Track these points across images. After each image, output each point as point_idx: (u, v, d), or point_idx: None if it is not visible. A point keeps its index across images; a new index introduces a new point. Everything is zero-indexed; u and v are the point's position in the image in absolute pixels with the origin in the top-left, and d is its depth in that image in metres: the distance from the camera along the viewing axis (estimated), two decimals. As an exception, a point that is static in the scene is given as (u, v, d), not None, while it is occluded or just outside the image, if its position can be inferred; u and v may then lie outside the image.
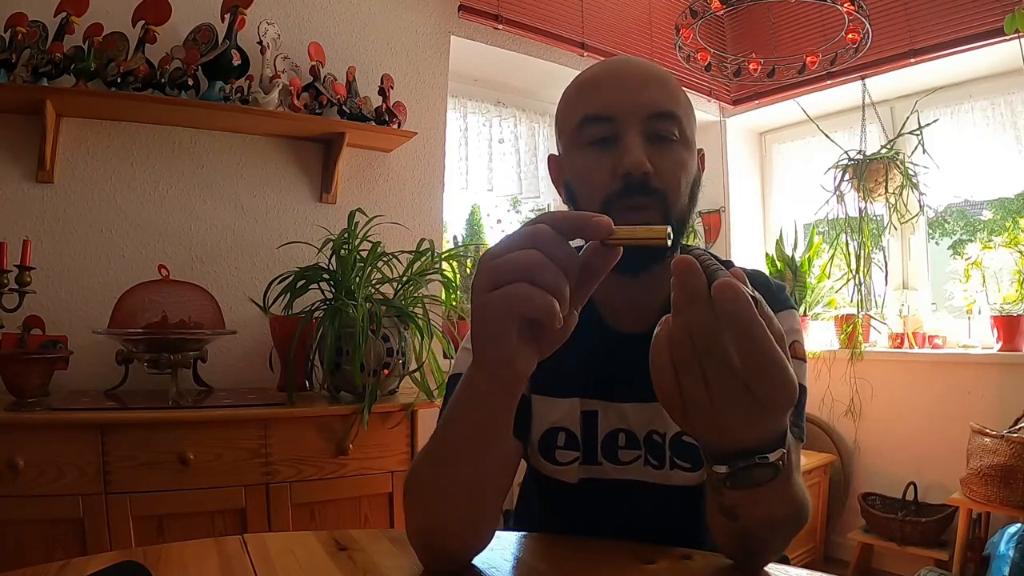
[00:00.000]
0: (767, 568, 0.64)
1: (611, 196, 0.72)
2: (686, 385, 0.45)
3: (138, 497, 1.38)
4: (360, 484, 1.63)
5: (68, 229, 1.79)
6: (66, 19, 1.72)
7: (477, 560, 0.65)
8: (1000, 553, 1.93)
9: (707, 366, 0.44)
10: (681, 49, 2.36)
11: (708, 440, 0.50)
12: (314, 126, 2.03)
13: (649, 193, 0.71)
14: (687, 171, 0.75)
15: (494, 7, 2.45)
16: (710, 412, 0.45)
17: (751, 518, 0.56)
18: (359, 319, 1.60)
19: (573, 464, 0.79)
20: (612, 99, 0.73)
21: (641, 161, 0.70)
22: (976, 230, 2.97)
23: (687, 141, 0.75)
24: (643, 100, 0.73)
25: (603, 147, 0.73)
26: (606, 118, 0.73)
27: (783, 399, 0.45)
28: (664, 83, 0.75)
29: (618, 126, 0.72)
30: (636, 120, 0.72)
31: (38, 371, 1.46)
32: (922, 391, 2.58)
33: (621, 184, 0.71)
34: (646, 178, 0.71)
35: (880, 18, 2.44)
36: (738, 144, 3.34)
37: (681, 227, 0.76)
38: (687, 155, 0.75)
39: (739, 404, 0.45)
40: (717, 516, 0.58)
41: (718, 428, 0.47)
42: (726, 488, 0.51)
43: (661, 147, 0.73)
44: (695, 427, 0.48)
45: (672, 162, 0.73)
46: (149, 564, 0.59)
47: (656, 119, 0.73)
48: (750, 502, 0.54)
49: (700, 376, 0.45)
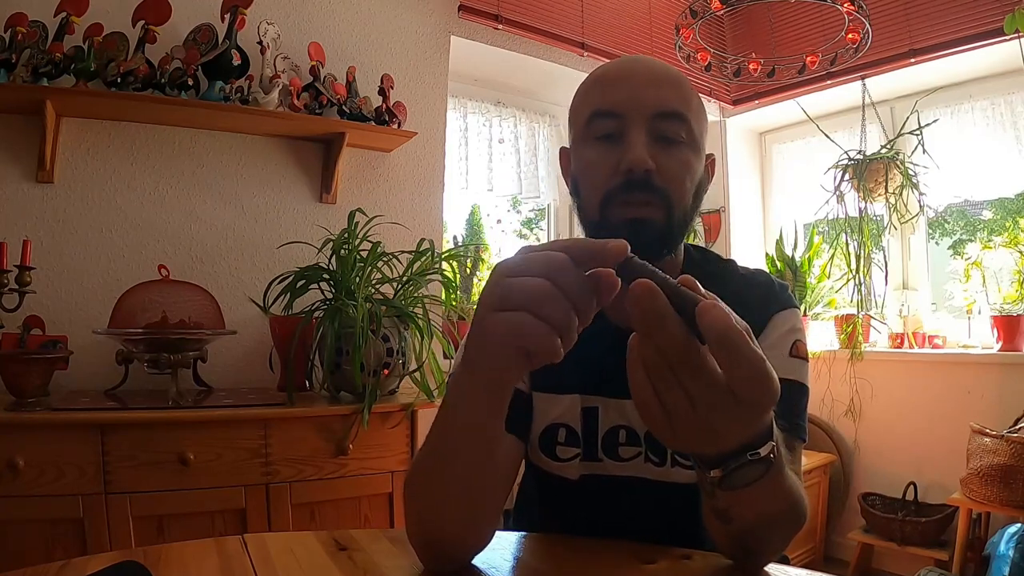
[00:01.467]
0: (767, 568, 0.64)
1: (612, 191, 0.73)
2: (667, 399, 0.45)
3: (138, 497, 1.38)
4: (360, 484, 1.63)
5: (68, 229, 1.79)
6: (66, 19, 1.72)
7: (477, 560, 0.65)
8: (1000, 553, 1.93)
9: (684, 377, 0.43)
10: (681, 49, 2.36)
11: (697, 448, 0.50)
12: (314, 126, 2.03)
13: (651, 191, 0.72)
14: (692, 173, 0.75)
15: (494, 7, 2.45)
16: (695, 420, 0.45)
17: (745, 519, 0.57)
18: (359, 319, 1.60)
19: (574, 460, 0.80)
20: (621, 96, 0.74)
21: (643, 158, 0.71)
22: (976, 230, 2.97)
23: (695, 143, 0.76)
24: (652, 99, 0.73)
25: (609, 143, 0.74)
26: (614, 114, 0.74)
27: (768, 399, 0.44)
28: (675, 84, 0.76)
29: (625, 123, 0.73)
30: (643, 118, 0.73)
31: (38, 371, 1.46)
32: (922, 391, 2.58)
33: (623, 180, 0.72)
34: (648, 175, 0.72)
35: (880, 18, 2.44)
36: (738, 144, 3.34)
37: (683, 227, 0.76)
38: (693, 157, 0.76)
39: (723, 408, 0.44)
40: (712, 519, 0.59)
41: (705, 434, 0.46)
42: (719, 490, 0.51)
43: (667, 147, 0.73)
44: (681, 437, 0.47)
45: (677, 162, 0.74)
46: (149, 564, 0.59)
47: (663, 119, 0.73)
48: (743, 502, 0.54)
49: (679, 387, 0.44)
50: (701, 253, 0.87)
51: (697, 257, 0.86)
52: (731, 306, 0.73)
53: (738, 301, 0.47)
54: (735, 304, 0.85)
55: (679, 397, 0.44)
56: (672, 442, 0.48)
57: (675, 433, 0.46)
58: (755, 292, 0.80)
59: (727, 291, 0.81)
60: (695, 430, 0.45)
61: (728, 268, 0.86)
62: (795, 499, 0.60)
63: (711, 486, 0.51)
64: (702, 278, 0.48)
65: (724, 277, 0.83)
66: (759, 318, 0.78)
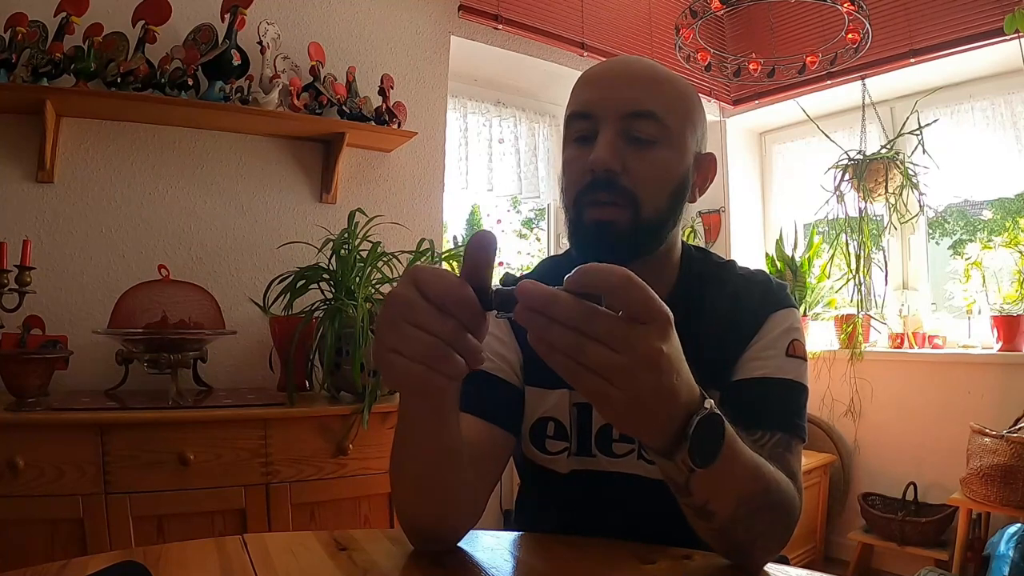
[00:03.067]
0: (767, 568, 0.64)
1: (582, 191, 0.74)
2: (595, 401, 0.47)
3: (138, 497, 1.38)
4: (360, 484, 1.63)
5: (68, 229, 1.79)
6: (66, 19, 1.72)
7: (477, 560, 0.66)
8: (1000, 553, 1.93)
9: (593, 353, 0.44)
10: (681, 49, 2.36)
11: (646, 428, 0.51)
12: (314, 126, 2.03)
13: (616, 191, 0.72)
14: (667, 173, 0.75)
15: (494, 7, 2.45)
16: (623, 399, 0.46)
17: (725, 509, 0.58)
18: (359, 319, 1.60)
19: (562, 454, 0.81)
20: (593, 97, 0.75)
21: (603, 158, 0.72)
22: (976, 230, 2.97)
23: (672, 142, 0.75)
24: (622, 99, 0.74)
25: (583, 144, 0.75)
26: (587, 115, 0.75)
27: (662, 316, 0.46)
28: (650, 83, 0.75)
29: (596, 124, 0.74)
30: (613, 118, 0.73)
31: (38, 371, 1.46)
32: (922, 391, 2.58)
33: (590, 179, 0.73)
34: (611, 175, 0.72)
35: (880, 18, 2.44)
36: (738, 144, 3.34)
37: (657, 229, 0.76)
38: (671, 156, 0.75)
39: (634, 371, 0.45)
40: (696, 521, 0.60)
41: (639, 411, 0.48)
42: (693, 477, 0.53)
43: (638, 147, 0.73)
44: (624, 419, 0.50)
45: (647, 163, 0.73)
46: (149, 564, 0.59)
47: (634, 118, 0.73)
48: (717, 489, 0.56)
49: (591, 372, 0.45)
50: (701, 253, 0.87)
51: (697, 257, 0.86)
52: (729, 305, 0.75)
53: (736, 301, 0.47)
54: (733, 303, 0.86)
55: (596, 381, 0.45)
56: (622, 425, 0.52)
57: (618, 416, 0.48)
58: (753, 292, 0.80)
59: (726, 291, 0.82)
60: (628, 410, 0.47)
61: (727, 268, 0.86)
62: (768, 480, 0.61)
63: (685, 475, 0.53)
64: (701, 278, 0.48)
65: (723, 277, 0.83)
66: (757, 318, 0.78)
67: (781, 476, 0.64)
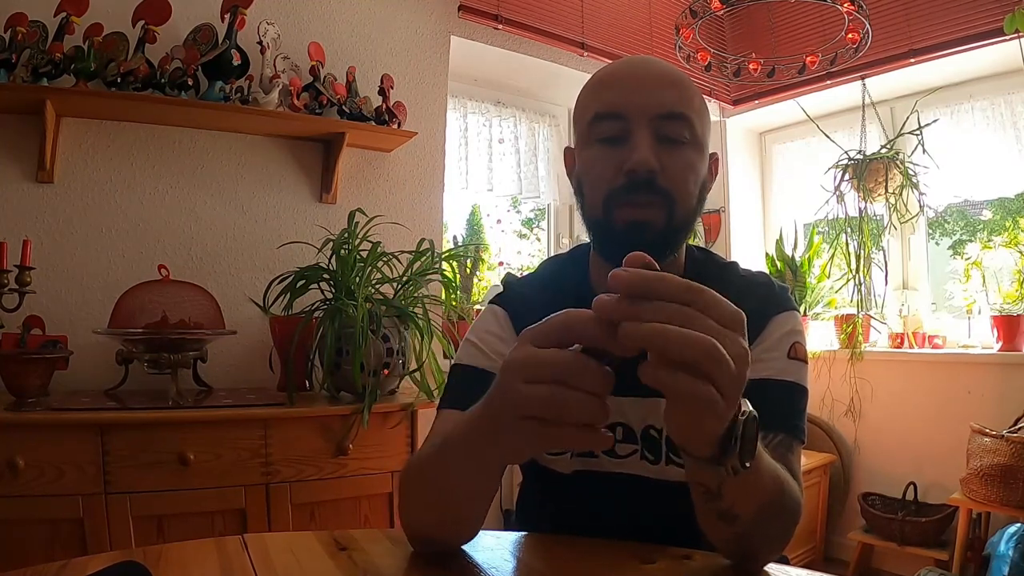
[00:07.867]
0: (767, 568, 0.64)
1: (615, 192, 0.73)
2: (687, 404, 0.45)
3: (138, 497, 1.38)
4: (360, 484, 1.63)
5: (68, 229, 1.79)
6: (66, 19, 1.72)
7: (477, 560, 0.66)
8: (1000, 553, 1.93)
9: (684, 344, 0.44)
10: (681, 49, 2.36)
11: (700, 447, 0.51)
12: (314, 126, 2.03)
13: (654, 192, 0.72)
14: (696, 173, 0.76)
15: (494, 7, 2.45)
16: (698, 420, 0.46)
17: (747, 514, 0.57)
18: (359, 319, 1.60)
19: (565, 455, 0.81)
20: (624, 98, 0.74)
21: (647, 159, 0.71)
22: (976, 230, 2.97)
23: (698, 144, 0.76)
24: (655, 100, 0.73)
25: (612, 144, 0.74)
26: (617, 116, 0.74)
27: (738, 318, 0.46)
28: (678, 85, 0.76)
29: (628, 124, 0.73)
30: (646, 119, 0.73)
31: (38, 371, 1.46)
32: (922, 391, 2.58)
33: (625, 181, 0.73)
34: (652, 176, 0.72)
35: (880, 18, 2.44)
36: (738, 144, 3.34)
37: (686, 228, 0.77)
38: (697, 157, 0.76)
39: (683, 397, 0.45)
40: (714, 524, 0.59)
41: (712, 428, 0.48)
42: (738, 470, 0.51)
43: (671, 148, 0.74)
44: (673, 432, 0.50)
45: (681, 163, 0.74)
46: (149, 564, 0.59)
47: (667, 120, 0.73)
48: (744, 492, 0.55)
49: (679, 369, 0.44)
50: (704, 254, 0.88)
51: (700, 258, 0.86)
52: None
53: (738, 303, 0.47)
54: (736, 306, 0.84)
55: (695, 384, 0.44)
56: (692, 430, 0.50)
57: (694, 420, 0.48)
58: (755, 294, 0.80)
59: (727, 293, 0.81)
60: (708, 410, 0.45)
61: (729, 270, 0.86)
62: (782, 481, 0.61)
63: (720, 479, 0.53)
64: (703, 279, 0.48)
65: (725, 279, 0.83)
66: (759, 320, 0.78)
67: (789, 477, 0.64)
